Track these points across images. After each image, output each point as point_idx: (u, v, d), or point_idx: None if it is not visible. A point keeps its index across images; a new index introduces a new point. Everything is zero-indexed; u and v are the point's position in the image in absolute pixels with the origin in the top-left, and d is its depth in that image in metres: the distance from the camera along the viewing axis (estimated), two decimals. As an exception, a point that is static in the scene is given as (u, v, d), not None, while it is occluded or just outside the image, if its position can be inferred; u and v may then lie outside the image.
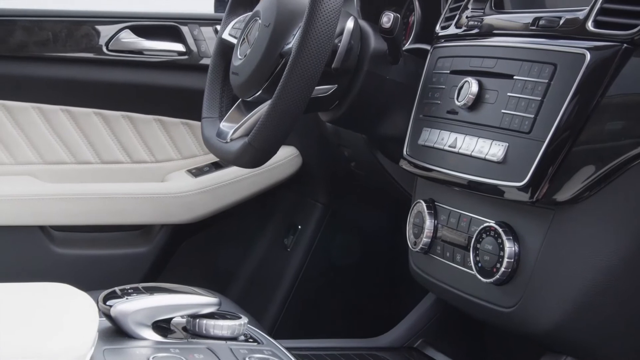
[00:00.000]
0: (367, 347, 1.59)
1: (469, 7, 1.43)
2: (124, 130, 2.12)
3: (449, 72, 1.40)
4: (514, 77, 1.26)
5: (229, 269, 2.24)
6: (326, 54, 1.32)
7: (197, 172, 2.13)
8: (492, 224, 1.28)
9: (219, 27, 1.78)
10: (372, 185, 1.91)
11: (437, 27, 1.50)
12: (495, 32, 1.36)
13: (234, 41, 1.58)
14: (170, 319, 1.22)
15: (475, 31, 1.40)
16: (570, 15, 1.22)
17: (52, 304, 1.13)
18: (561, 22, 1.23)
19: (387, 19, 1.43)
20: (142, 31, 2.11)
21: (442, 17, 1.50)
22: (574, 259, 1.21)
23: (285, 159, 2.13)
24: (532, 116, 1.21)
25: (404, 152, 1.46)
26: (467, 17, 1.42)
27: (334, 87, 1.50)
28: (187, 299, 1.21)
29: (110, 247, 2.08)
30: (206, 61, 2.07)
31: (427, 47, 1.51)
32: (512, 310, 1.27)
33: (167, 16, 2.14)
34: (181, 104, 2.13)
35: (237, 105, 1.56)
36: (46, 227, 2.02)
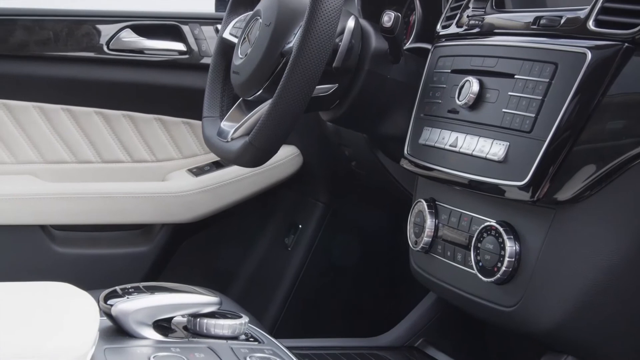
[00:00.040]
0: (367, 346, 1.59)
1: (470, 6, 1.43)
2: (125, 129, 2.12)
3: (449, 71, 1.40)
4: (515, 76, 1.26)
5: (230, 268, 2.24)
6: (327, 53, 1.32)
7: (198, 171, 2.13)
8: (493, 223, 1.28)
9: (219, 26, 1.78)
10: (373, 184, 1.91)
11: (438, 26, 1.50)
12: (496, 31, 1.36)
13: (235, 40, 1.58)
14: (171, 318, 1.22)
15: (476, 30, 1.39)
16: (571, 14, 1.22)
17: (53, 303, 1.13)
18: (562, 21, 1.23)
19: (388, 18, 1.43)
20: (142, 30, 2.11)
21: (443, 16, 1.50)
22: (575, 258, 1.21)
23: (286, 158, 2.13)
24: (533, 115, 1.21)
25: (405, 152, 1.46)
26: (468, 16, 1.42)
27: (334, 86, 1.50)
28: (188, 298, 1.21)
29: (111, 246, 2.08)
30: (207, 60, 2.07)
31: (428, 46, 1.51)
32: (513, 309, 1.27)
33: (168, 15, 2.14)
34: (182, 103, 2.13)
35: (238, 104, 1.56)
36: (47, 227, 2.02)
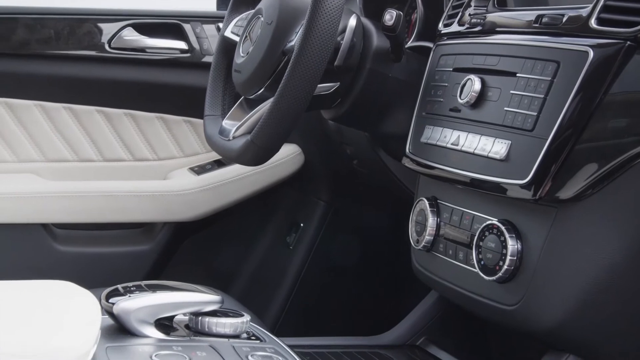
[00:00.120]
0: (369, 345, 1.59)
1: (472, 4, 1.43)
2: (127, 128, 2.12)
3: (451, 69, 1.40)
4: (517, 74, 1.26)
5: (232, 266, 2.24)
6: (329, 52, 1.32)
7: (200, 170, 2.13)
8: (494, 221, 1.28)
9: (221, 24, 1.78)
10: (375, 183, 1.91)
11: (440, 25, 1.49)
12: (498, 29, 1.36)
13: (237, 39, 1.58)
14: (172, 317, 1.22)
15: (478, 29, 1.39)
16: (573, 12, 1.22)
17: (55, 302, 1.13)
18: (564, 19, 1.23)
19: (389, 17, 1.43)
20: (144, 29, 2.11)
21: (444, 15, 1.50)
22: (577, 256, 1.21)
23: (287, 156, 2.13)
24: (535, 114, 1.21)
25: (407, 150, 1.46)
26: (469, 15, 1.42)
27: (336, 84, 1.50)
28: (190, 296, 1.21)
29: (112, 244, 2.08)
30: (208, 59, 2.07)
31: (430, 44, 1.51)
32: (514, 308, 1.27)
33: (170, 14, 2.14)
34: (183, 102, 2.13)
35: (240, 103, 1.56)
36: (48, 225, 2.03)
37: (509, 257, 1.25)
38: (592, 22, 1.19)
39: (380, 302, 2.13)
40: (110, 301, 1.18)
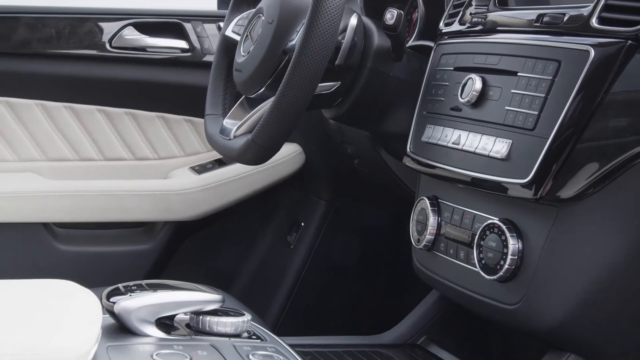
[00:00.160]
0: (370, 344, 1.59)
1: (473, 3, 1.43)
2: (127, 127, 2.12)
3: (452, 68, 1.40)
4: (518, 73, 1.26)
5: (232, 266, 2.24)
6: (330, 51, 1.32)
7: (200, 169, 2.13)
8: (495, 221, 1.28)
9: (222, 24, 1.78)
10: (376, 182, 1.91)
11: (441, 24, 1.49)
12: (499, 28, 1.36)
13: (237, 38, 1.58)
14: (173, 316, 1.22)
15: (479, 28, 1.39)
16: (574, 11, 1.22)
17: (56, 301, 1.13)
18: (565, 18, 1.23)
19: (390, 16, 1.43)
20: (145, 28, 2.11)
21: (445, 14, 1.50)
22: (578, 256, 1.21)
23: (288, 156, 2.13)
24: (536, 113, 1.21)
25: (408, 149, 1.46)
26: (470, 14, 1.42)
27: (337, 84, 1.50)
28: (191, 295, 1.21)
29: (113, 244, 2.08)
30: (209, 58, 2.07)
31: (431, 43, 1.51)
32: (515, 307, 1.27)
33: (170, 13, 2.14)
34: (184, 101, 2.13)
35: (240, 102, 1.56)
36: (49, 224, 2.03)
37: (509, 257, 1.25)
38: (593, 21, 1.19)
39: (381, 301, 2.13)
40: (111, 300, 1.18)
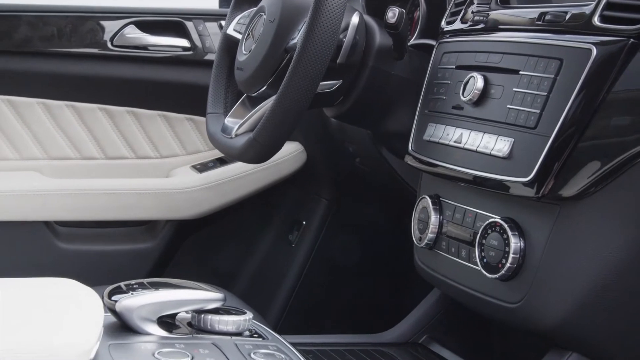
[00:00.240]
0: (371, 342, 1.59)
1: (475, 2, 1.43)
2: (129, 125, 2.12)
3: (454, 67, 1.40)
4: (520, 72, 1.26)
5: (234, 264, 2.24)
6: (331, 50, 1.32)
7: (202, 167, 2.13)
8: (497, 219, 1.28)
9: (223, 22, 1.78)
10: (377, 181, 1.91)
11: (443, 22, 1.49)
12: (501, 27, 1.36)
13: (239, 37, 1.58)
14: (175, 315, 1.22)
15: (480, 26, 1.39)
16: (576, 10, 1.22)
17: (58, 299, 1.13)
18: (567, 17, 1.22)
19: (392, 14, 1.43)
20: (146, 27, 2.11)
21: (447, 12, 1.50)
22: (580, 254, 1.21)
23: (289, 154, 2.13)
24: (538, 111, 1.21)
25: (409, 148, 1.46)
26: (472, 12, 1.42)
27: (338, 82, 1.50)
28: (192, 294, 1.21)
29: (115, 242, 2.08)
30: (211, 57, 2.07)
31: (433, 42, 1.51)
32: (517, 306, 1.27)
33: (172, 12, 2.14)
34: (186, 100, 2.13)
35: (242, 100, 1.56)
36: (51, 223, 2.03)
37: (511, 255, 1.25)
38: (595, 20, 1.18)
39: (382, 299, 2.13)
40: (112, 299, 1.18)
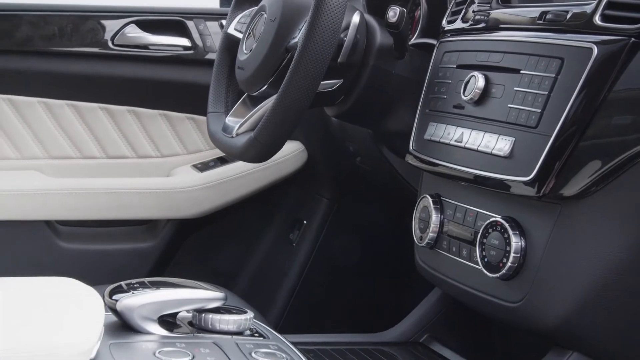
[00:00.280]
0: (372, 342, 1.59)
1: (476, 1, 1.43)
2: (130, 125, 2.12)
3: (455, 66, 1.40)
4: (521, 71, 1.26)
5: (235, 263, 2.24)
6: (332, 49, 1.32)
7: (203, 167, 2.13)
8: (498, 218, 1.28)
9: (224, 21, 1.78)
10: (378, 180, 1.91)
11: (444, 22, 1.49)
12: (501, 26, 1.36)
13: (240, 36, 1.58)
14: (176, 314, 1.22)
15: (481, 25, 1.39)
16: (577, 9, 1.22)
17: (59, 299, 1.13)
18: (568, 16, 1.22)
19: (393, 13, 1.43)
20: (147, 26, 2.11)
21: (448, 12, 1.50)
22: (581, 254, 1.21)
23: (290, 154, 2.12)
24: (539, 111, 1.21)
25: (410, 147, 1.46)
26: (473, 11, 1.42)
27: (339, 81, 1.49)
28: (193, 293, 1.21)
29: (115, 241, 2.08)
30: (212, 56, 2.07)
31: (433, 41, 1.51)
32: (518, 305, 1.27)
33: (173, 11, 2.14)
34: (187, 99, 2.13)
35: (243, 100, 1.56)
36: (52, 222, 2.03)
37: (512, 254, 1.25)
38: (596, 19, 1.18)
39: (383, 299, 2.13)
40: (113, 298, 1.18)
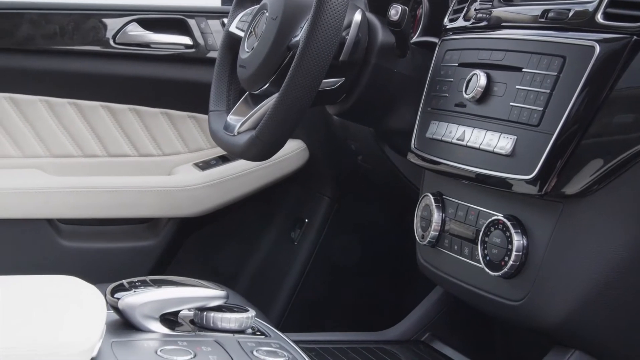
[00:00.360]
0: (374, 340, 1.59)
1: (477, -1, 1.43)
2: (131, 123, 2.12)
3: (457, 64, 1.40)
4: (523, 69, 1.25)
5: (236, 262, 2.24)
6: (334, 47, 1.32)
7: (204, 165, 2.13)
8: (500, 217, 1.28)
9: (226, 20, 1.78)
10: (380, 178, 1.91)
11: (445, 20, 1.49)
12: (503, 24, 1.36)
13: (241, 34, 1.58)
14: (177, 312, 1.22)
15: (483, 24, 1.39)
16: (579, 7, 1.22)
17: (60, 297, 1.14)
18: (570, 14, 1.22)
19: (395, 12, 1.43)
20: (149, 24, 2.11)
21: (450, 10, 1.50)
22: (583, 252, 1.21)
23: (292, 152, 2.12)
24: (541, 109, 1.21)
25: (412, 145, 1.46)
26: (475, 10, 1.42)
27: (341, 80, 1.49)
28: (195, 291, 1.21)
29: (117, 240, 2.08)
30: (213, 54, 2.07)
31: (435, 39, 1.51)
32: (520, 303, 1.27)
33: (174, 9, 2.14)
34: (188, 97, 2.13)
35: (244, 98, 1.56)
36: (53, 220, 2.03)
37: (514, 253, 1.25)
38: (599, 17, 1.18)
39: (384, 297, 2.13)
40: (115, 296, 1.18)
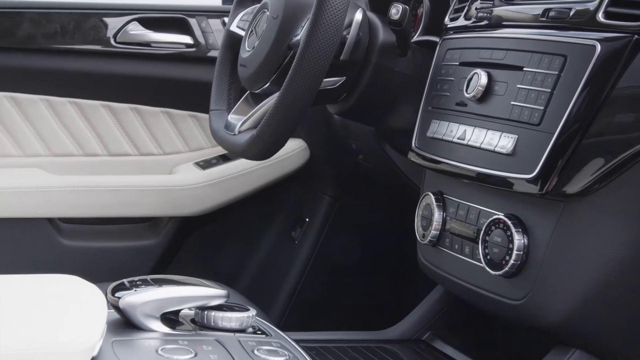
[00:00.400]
0: (375, 339, 1.59)
1: (478, -2, 1.43)
2: (132, 122, 2.12)
3: (458, 64, 1.40)
4: (524, 68, 1.25)
5: (237, 261, 2.24)
6: (334, 46, 1.32)
7: (205, 164, 2.13)
8: (501, 216, 1.28)
9: (226, 19, 1.78)
10: (380, 177, 1.91)
11: (446, 19, 1.49)
12: (504, 23, 1.36)
13: (242, 33, 1.58)
14: (178, 311, 1.22)
15: (484, 23, 1.39)
16: (580, 6, 1.22)
17: (61, 296, 1.14)
18: (571, 13, 1.22)
19: (395, 11, 1.43)
20: (149, 23, 2.11)
21: (451, 9, 1.50)
22: (583, 251, 1.21)
23: (293, 151, 2.12)
24: (542, 108, 1.21)
25: (413, 145, 1.46)
26: (476, 9, 1.42)
27: (342, 79, 1.49)
28: (195, 291, 1.21)
29: (118, 239, 2.08)
30: (214, 53, 2.07)
31: (436, 39, 1.51)
32: (520, 302, 1.27)
33: (175, 8, 2.14)
34: (189, 97, 2.13)
35: (245, 97, 1.56)
36: (54, 220, 2.03)
37: (515, 252, 1.25)
38: (600, 16, 1.18)
39: (385, 296, 2.13)
40: (116, 295, 1.18)
